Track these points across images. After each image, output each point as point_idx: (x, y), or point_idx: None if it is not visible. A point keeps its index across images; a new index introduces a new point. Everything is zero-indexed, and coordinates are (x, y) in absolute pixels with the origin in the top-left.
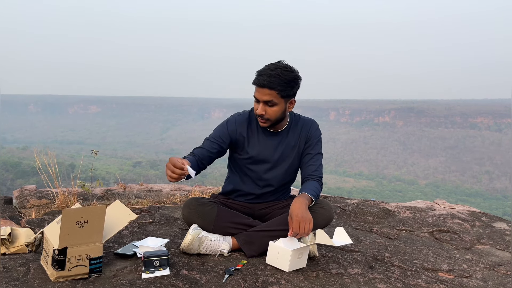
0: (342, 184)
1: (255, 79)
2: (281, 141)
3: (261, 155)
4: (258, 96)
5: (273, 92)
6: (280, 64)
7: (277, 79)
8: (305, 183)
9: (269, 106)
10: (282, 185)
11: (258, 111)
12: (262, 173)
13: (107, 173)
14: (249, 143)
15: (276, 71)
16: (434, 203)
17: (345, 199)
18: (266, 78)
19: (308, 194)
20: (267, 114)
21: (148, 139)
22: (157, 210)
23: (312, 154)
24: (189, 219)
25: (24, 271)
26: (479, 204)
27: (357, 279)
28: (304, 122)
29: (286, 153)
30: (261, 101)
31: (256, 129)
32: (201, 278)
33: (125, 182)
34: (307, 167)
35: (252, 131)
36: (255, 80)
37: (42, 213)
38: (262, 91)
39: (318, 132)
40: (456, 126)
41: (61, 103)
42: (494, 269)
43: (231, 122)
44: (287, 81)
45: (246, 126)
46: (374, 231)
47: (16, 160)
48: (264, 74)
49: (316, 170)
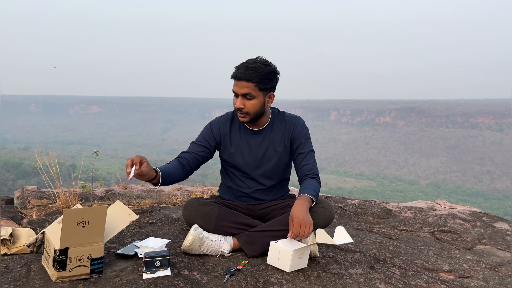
0: (343, 184)
1: (233, 73)
2: (264, 138)
3: (245, 154)
4: (236, 90)
5: (251, 84)
6: (257, 59)
7: (254, 71)
8: (303, 183)
9: (248, 99)
10: (275, 184)
11: (237, 105)
12: (249, 171)
13: (108, 174)
14: (231, 142)
15: (253, 65)
16: (435, 203)
17: (346, 199)
18: (243, 71)
19: (308, 195)
20: (245, 108)
21: (149, 139)
22: (158, 210)
23: (305, 153)
24: (190, 220)
25: (25, 272)
26: (480, 204)
27: (358, 280)
28: (288, 119)
29: (271, 150)
30: (239, 95)
31: (238, 128)
32: (202, 279)
33: (125, 182)
34: (302, 167)
35: (234, 131)
36: (232, 74)
37: (43, 214)
38: (240, 84)
39: (305, 129)
40: (457, 126)
41: (62, 104)
42: (495, 269)
43: (214, 124)
44: (264, 74)
45: (229, 126)
46: (375, 231)
47: (17, 161)
48: (241, 68)
49: (311, 168)
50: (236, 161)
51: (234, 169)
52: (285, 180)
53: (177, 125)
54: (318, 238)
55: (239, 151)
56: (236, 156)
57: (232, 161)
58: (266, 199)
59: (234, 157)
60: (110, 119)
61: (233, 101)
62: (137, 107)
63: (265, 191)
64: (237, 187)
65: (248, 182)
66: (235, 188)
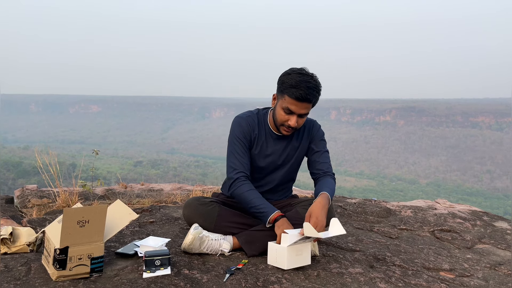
0: (343, 183)
1: (293, 92)
2: (287, 144)
3: (267, 157)
4: (296, 110)
5: (310, 105)
6: (309, 73)
7: (314, 91)
8: (322, 181)
9: (301, 117)
10: (281, 184)
11: (293, 124)
12: (265, 174)
13: (108, 173)
14: (257, 144)
15: (312, 83)
16: (435, 202)
17: (346, 199)
18: (308, 93)
19: (328, 195)
20: (298, 126)
21: (149, 138)
22: (158, 209)
23: (321, 152)
24: (190, 219)
25: (25, 271)
26: (480, 203)
27: (358, 279)
28: (307, 122)
29: (291, 155)
30: (296, 114)
31: (264, 131)
32: (202, 278)
33: (126, 181)
34: (319, 164)
35: (260, 133)
36: (294, 94)
37: (43, 213)
38: (302, 105)
39: (321, 131)
40: (457, 125)
41: (62, 103)
42: (495, 268)
43: (245, 122)
44: (319, 92)
45: (257, 128)
46: (375, 231)
47: (17, 160)
48: (303, 88)
49: (329, 167)
50: (256, 163)
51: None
52: (292, 180)
53: (177, 124)
54: (305, 232)
55: (262, 154)
56: (258, 159)
57: (252, 161)
58: (272, 199)
59: (255, 158)
60: (110, 118)
61: (280, 115)
62: (137, 107)
63: (273, 191)
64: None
65: (260, 181)
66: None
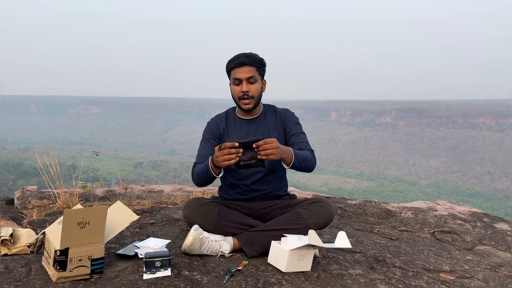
0: (343, 184)
1: (232, 63)
2: (259, 126)
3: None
4: (240, 75)
5: (253, 68)
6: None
7: (252, 58)
8: None
9: (251, 83)
10: (271, 173)
11: (244, 88)
12: None
13: (108, 174)
14: (229, 133)
15: (248, 53)
16: (436, 203)
17: (346, 200)
18: (244, 58)
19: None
20: (251, 92)
21: (149, 139)
22: (158, 210)
23: (297, 134)
24: (190, 219)
25: (25, 272)
26: (481, 204)
27: (358, 280)
28: (279, 110)
29: (266, 136)
30: (243, 79)
31: (233, 121)
32: (202, 279)
33: (126, 182)
34: (297, 144)
35: (230, 123)
36: (234, 63)
37: (44, 214)
38: (243, 69)
39: (295, 117)
40: (457, 127)
41: (62, 104)
42: (496, 270)
43: (211, 122)
44: (259, 60)
45: (225, 120)
46: (375, 232)
47: (18, 161)
48: (240, 56)
49: (306, 145)
50: None
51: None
52: (282, 170)
53: (177, 125)
54: (310, 240)
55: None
56: None
57: None
58: (266, 189)
59: None
60: (110, 119)
61: (234, 90)
62: (137, 108)
63: (264, 180)
64: (236, 181)
65: (248, 171)
66: (234, 183)
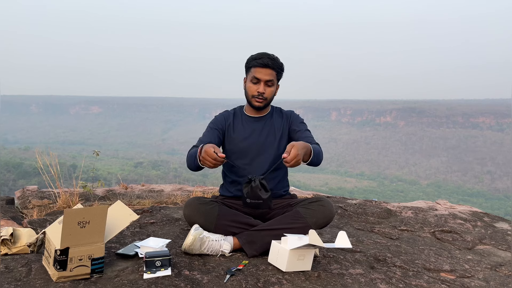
0: (343, 184)
1: (256, 61)
2: (265, 124)
3: (248, 138)
4: (260, 76)
5: (274, 72)
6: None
7: (276, 61)
8: None
9: (268, 86)
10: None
11: (260, 89)
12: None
13: (108, 174)
14: (234, 129)
15: (273, 56)
16: (436, 203)
17: (347, 199)
18: (268, 60)
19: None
20: (266, 93)
21: (149, 139)
22: (159, 210)
23: (302, 130)
24: (191, 218)
25: (26, 272)
26: (481, 204)
27: (359, 280)
28: (285, 111)
29: (271, 136)
30: (262, 81)
31: (240, 118)
32: (203, 279)
33: (126, 182)
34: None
35: (237, 120)
36: (258, 62)
37: (44, 214)
38: (265, 71)
39: (299, 117)
40: (457, 126)
41: (62, 104)
42: (496, 269)
43: (219, 116)
44: (281, 65)
45: (232, 117)
46: (375, 231)
47: (18, 161)
48: (265, 57)
49: (312, 140)
50: (238, 146)
51: (235, 158)
52: (284, 170)
53: (177, 125)
54: (310, 239)
55: (242, 135)
56: (239, 141)
57: (234, 147)
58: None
59: (237, 142)
60: (110, 119)
61: (251, 88)
62: (138, 107)
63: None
64: (238, 178)
65: (249, 169)
66: (236, 180)
